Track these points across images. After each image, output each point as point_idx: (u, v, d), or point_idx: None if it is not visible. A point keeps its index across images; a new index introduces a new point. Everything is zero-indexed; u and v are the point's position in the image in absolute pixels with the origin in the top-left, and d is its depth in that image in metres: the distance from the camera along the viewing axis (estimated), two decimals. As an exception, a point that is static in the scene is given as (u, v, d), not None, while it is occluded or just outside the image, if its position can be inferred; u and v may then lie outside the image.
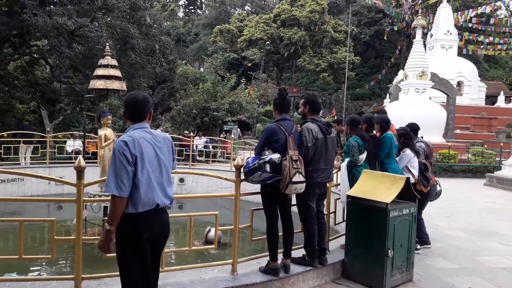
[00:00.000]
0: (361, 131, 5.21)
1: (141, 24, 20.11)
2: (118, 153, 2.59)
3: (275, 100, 4.27)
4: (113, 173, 2.57)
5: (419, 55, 19.92)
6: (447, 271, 5.08)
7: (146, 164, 2.66)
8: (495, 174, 14.11)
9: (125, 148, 2.59)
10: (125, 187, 2.57)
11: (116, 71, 9.44)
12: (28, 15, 14.61)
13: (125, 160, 2.57)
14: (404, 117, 15.03)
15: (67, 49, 16.72)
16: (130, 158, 2.59)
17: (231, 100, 21.90)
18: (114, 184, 2.56)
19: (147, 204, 2.67)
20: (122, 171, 2.56)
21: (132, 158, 2.60)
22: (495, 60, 45.43)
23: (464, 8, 37.63)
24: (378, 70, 44.67)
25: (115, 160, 2.59)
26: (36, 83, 19.22)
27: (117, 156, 2.58)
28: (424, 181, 5.77)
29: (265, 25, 40.43)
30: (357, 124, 5.27)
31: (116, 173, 2.57)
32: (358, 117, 5.47)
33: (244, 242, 6.54)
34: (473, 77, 29.45)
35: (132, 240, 2.68)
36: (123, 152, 2.58)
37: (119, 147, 2.60)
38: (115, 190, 2.56)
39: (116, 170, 2.57)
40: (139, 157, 2.62)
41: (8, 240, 8.36)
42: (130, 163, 2.59)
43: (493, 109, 28.82)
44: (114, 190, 2.56)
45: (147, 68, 21.21)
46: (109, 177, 2.59)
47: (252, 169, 3.78)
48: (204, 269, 4.19)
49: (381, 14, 42.56)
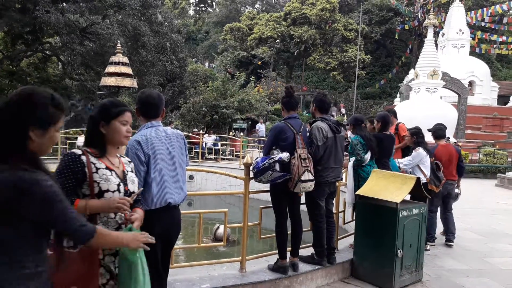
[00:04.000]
0: (363, 131, 5.20)
1: (152, 22, 20.23)
2: (131, 152, 2.62)
3: (283, 98, 4.26)
4: None
5: (430, 54, 19.75)
6: (457, 272, 5.05)
7: (159, 162, 2.69)
8: (506, 175, 13.96)
9: (138, 148, 2.62)
10: None
11: (127, 68, 9.52)
12: (40, 12, 14.78)
13: (137, 160, 2.60)
14: (415, 117, 14.97)
15: (79, 46, 16.89)
16: (143, 157, 2.62)
17: (240, 98, 21.92)
18: None
19: (158, 203, 2.70)
20: (134, 171, 2.59)
21: (145, 158, 2.63)
22: (508, 59, 44.78)
23: (477, 7, 37.19)
24: (389, 69, 44.32)
25: None
26: (48, 79, 19.45)
27: (130, 156, 2.61)
28: (436, 180, 5.74)
29: (275, 23, 40.33)
30: (360, 124, 5.26)
31: None
32: (362, 117, 5.47)
33: (253, 240, 6.56)
34: (485, 76, 29.10)
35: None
36: (136, 152, 2.61)
37: (132, 146, 2.63)
38: None
39: None
40: (152, 156, 2.65)
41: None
42: (142, 163, 2.62)
43: (505, 109, 28.44)
44: None
45: (158, 65, 21.33)
46: None
47: (262, 169, 3.77)
48: (213, 266, 4.21)
49: (392, 13, 42.21)
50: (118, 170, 2.17)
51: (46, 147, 1.60)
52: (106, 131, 2.09)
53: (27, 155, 1.51)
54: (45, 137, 1.56)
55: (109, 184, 2.06)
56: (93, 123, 2.11)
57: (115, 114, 2.13)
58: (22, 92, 1.54)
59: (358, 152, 4.98)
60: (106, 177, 2.06)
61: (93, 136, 2.12)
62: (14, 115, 1.49)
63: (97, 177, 2.03)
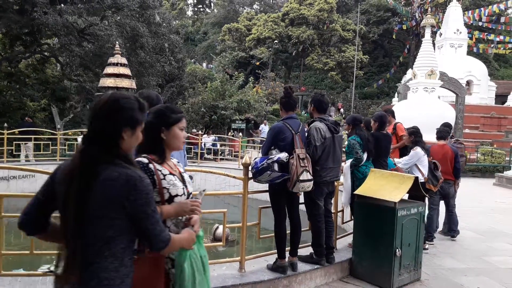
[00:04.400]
0: (362, 131, 5.23)
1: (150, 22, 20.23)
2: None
3: (281, 98, 4.28)
4: None
5: (428, 54, 19.78)
6: (456, 271, 5.07)
7: None
8: (504, 174, 13.99)
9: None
10: None
11: (126, 69, 9.53)
12: (38, 13, 14.77)
13: None
14: (413, 117, 15.00)
15: (77, 48, 16.89)
16: None
17: (239, 98, 21.93)
18: None
19: None
20: None
21: None
22: (506, 59, 44.91)
23: (474, 7, 37.26)
24: (387, 69, 44.39)
25: None
26: (46, 81, 19.43)
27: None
28: (434, 180, 5.77)
29: (274, 23, 40.36)
30: (359, 124, 5.29)
31: None
32: (360, 116, 5.49)
33: (252, 240, 6.58)
34: (482, 76, 29.15)
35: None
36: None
37: None
38: None
39: None
40: None
41: (19, 236, 8.47)
42: None
43: (503, 108, 28.50)
44: None
45: (156, 66, 21.33)
46: None
47: (261, 169, 3.79)
48: (212, 266, 4.21)
49: (390, 13, 42.29)
50: (177, 173, 2.20)
51: (133, 145, 1.76)
52: (166, 137, 2.11)
53: (121, 153, 1.68)
54: (134, 136, 1.73)
55: (177, 189, 2.09)
56: (154, 129, 2.10)
57: (175, 120, 2.16)
58: (112, 97, 1.71)
59: (357, 151, 5.00)
60: (173, 183, 2.09)
61: (153, 143, 2.12)
62: (110, 118, 1.67)
63: (166, 184, 2.07)
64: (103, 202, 1.56)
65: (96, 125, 1.67)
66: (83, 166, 1.60)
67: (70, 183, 1.59)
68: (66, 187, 1.60)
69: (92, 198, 1.56)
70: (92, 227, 1.57)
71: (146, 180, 1.64)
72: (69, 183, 1.59)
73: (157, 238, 1.66)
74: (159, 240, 1.67)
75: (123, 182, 1.57)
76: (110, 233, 1.59)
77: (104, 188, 1.56)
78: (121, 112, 1.68)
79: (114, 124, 1.66)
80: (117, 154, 1.65)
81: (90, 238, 1.57)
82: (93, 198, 1.56)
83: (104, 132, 1.66)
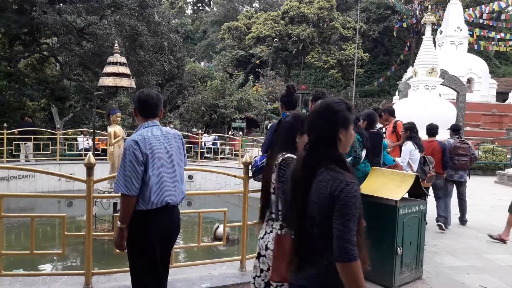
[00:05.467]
0: (359, 129, 5.20)
1: (149, 21, 20.17)
2: (128, 152, 2.62)
3: (283, 97, 4.25)
4: (123, 172, 2.61)
5: (428, 52, 19.74)
6: (457, 268, 5.05)
7: (157, 162, 2.69)
8: (506, 172, 13.97)
9: (135, 148, 2.62)
10: (134, 186, 2.60)
11: (125, 68, 9.49)
12: (38, 13, 14.75)
13: (135, 160, 2.60)
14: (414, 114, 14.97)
15: (77, 47, 16.86)
16: (141, 157, 2.62)
17: (239, 97, 21.93)
18: (123, 183, 2.60)
19: (157, 202, 2.69)
20: (131, 171, 2.60)
21: (143, 157, 2.63)
22: (506, 56, 44.86)
23: (475, 4, 37.20)
24: (387, 67, 44.32)
25: (125, 160, 2.62)
26: (46, 80, 19.40)
27: (128, 156, 2.62)
28: (422, 174, 5.93)
29: (273, 22, 40.31)
30: (356, 122, 5.26)
31: (126, 172, 2.60)
32: (357, 115, 5.50)
33: (253, 239, 6.55)
34: (483, 73, 29.12)
35: (142, 236, 2.71)
36: (134, 152, 2.61)
37: (129, 146, 2.63)
38: (124, 189, 2.60)
39: (125, 170, 2.61)
40: (149, 155, 2.65)
41: (19, 236, 8.46)
42: (140, 163, 2.62)
43: (504, 106, 28.48)
44: (123, 189, 2.60)
45: (156, 65, 21.28)
46: (119, 176, 2.63)
47: (261, 168, 3.77)
48: (213, 265, 4.21)
49: (390, 11, 42.22)
50: None
51: (349, 143, 1.93)
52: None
53: (337, 157, 1.88)
54: (348, 135, 1.91)
55: None
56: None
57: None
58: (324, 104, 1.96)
59: (355, 149, 4.97)
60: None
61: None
62: (327, 122, 1.89)
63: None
64: (315, 202, 1.82)
65: (315, 132, 1.92)
66: (304, 170, 1.90)
67: (294, 184, 1.95)
68: (291, 188, 1.96)
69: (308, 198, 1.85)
70: (309, 223, 1.85)
71: (353, 186, 1.76)
72: (293, 184, 1.95)
73: (341, 246, 1.70)
74: (342, 248, 1.70)
75: (332, 185, 1.76)
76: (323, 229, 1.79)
77: (317, 190, 1.82)
78: (335, 114, 1.89)
79: (331, 127, 1.88)
80: (334, 159, 1.87)
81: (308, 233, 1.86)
82: (310, 199, 1.85)
83: (323, 136, 1.89)
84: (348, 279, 1.70)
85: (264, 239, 2.74)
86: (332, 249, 1.72)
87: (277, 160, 2.64)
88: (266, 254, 2.70)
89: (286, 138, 2.65)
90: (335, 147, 1.88)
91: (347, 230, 1.70)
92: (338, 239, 1.70)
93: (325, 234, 1.77)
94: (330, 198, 1.75)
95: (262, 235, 2.78)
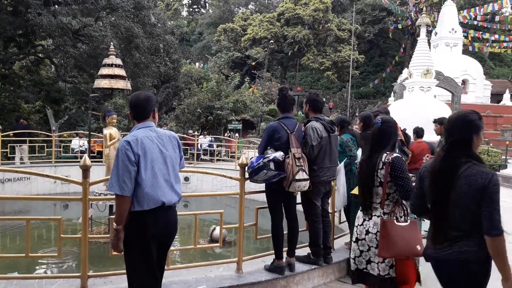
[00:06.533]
0: (351, 130, 5.26)
1: (145, 23, 20.11)
2: (121, 153, 2.64)
3: (277, 100, 4.28)
4: (116, 173, 2.62)
5: (423, 53, 19.82)
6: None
7: (150, 162, 2.69)
8: (501, 173, 14.03)
9: (127, 148, 2.63)
10: (127, 186, 2.61)
11: (121, 70, 9.44)
12: (32, 14, 14.66)
13: (127, 160, 2.61)
14: (409, 116, 15.02)
15: (72, 49, 16.79)
16: (133, 157, 2.63)
17: (235, 99, 21.93)
18: (116, 183, 2.61)
19: (152, 202, 2.69)
20: (124, 171, 2.60)
21: (135, 158, 2.63)
22: (501, 58, 45.15)
23: (469, 6, 37.44)
24: (383, 69, 44.52)
25: (118, 160, 2.64)
26: (41, 82, 19.28)
27: (120, 156, 2.63)
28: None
29: (269, 24, 40.37)
30: (347, 125, 5.34)
31: (119, 172, 2.61)
32: (347, 119, 5.57)
33: (249, 241, 6.55)
34: (478, 75, 29.29)
35: (138, 237, 2.70)
36: (126, 152, 2.62)
37: (122, 147, 2.65)
38: (117, 190, 2.60)
39: (118, 170, 2.62)
40: (142, 156, 2.65)
41: (15, 238, 8.41)
42: (132, 163, 2.62)
43: (498, 107, 28.67)
44: (117, 189, 2.60)
45: (152, 67, 21.23)
46: (112, 176, 2.64)
47: (257, 168, 3.77)
48: (209, 267, 4.19)
49: (385, 13, 42.41)
50: None
51: (479, 145, 2.41)
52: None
53: (473, 154, 2.33)
54: (479, 138, 2.38)
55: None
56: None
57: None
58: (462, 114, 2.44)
59: (350, 148, 4.99)
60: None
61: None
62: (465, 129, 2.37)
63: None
64: (467, 192, 2.23)
65: (454, 135, 2.39)
66: (447, 166, 2.34)
67: (436, 179, 2.37)
68: (432, 182, 2.38)
69: (455, 189, 2.26)
70: (457, 210, 2.26)
71: (496, 177, 2.22)
72: (435, 179, 2.37)
73: (493, 223, 2.16)
74: (494, 226, 2.17)
75: (481, 177, 2.21)
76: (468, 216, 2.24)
77: (468, 182, 2.23)
78: (471, 123, 2.37)
79: (467, 133, 2.35)
80: (471, 155, 2.32)
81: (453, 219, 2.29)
82: (457, 190, 2.25)
83: (461, 139, 2.36)
84: (496, 251, 2.26)
85: (364, 225, 3.13)
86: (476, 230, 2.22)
87: (385, 159, 3.02)
88: (366, 237, 3.09)
89: (387, 140, 3.13)
90: (471, 148, 2.34)
91: (497, 211, 2.17)
92: (490, 219, 2.16)
93: (475, 217, 2.21)
94: (482, 188, 2.18)
95: (361, 222, 3.16)
